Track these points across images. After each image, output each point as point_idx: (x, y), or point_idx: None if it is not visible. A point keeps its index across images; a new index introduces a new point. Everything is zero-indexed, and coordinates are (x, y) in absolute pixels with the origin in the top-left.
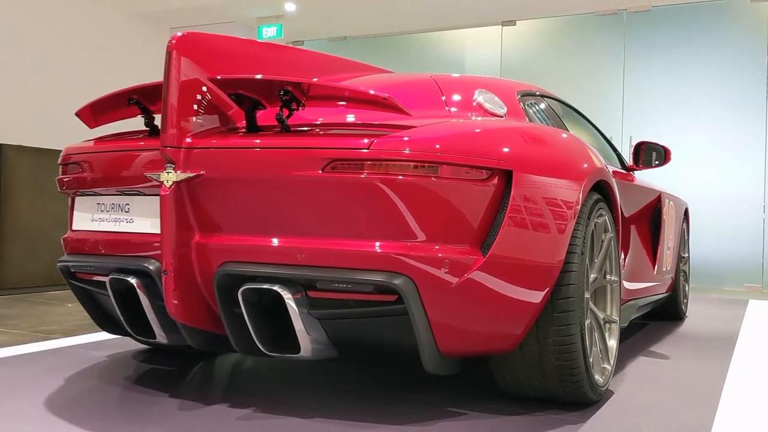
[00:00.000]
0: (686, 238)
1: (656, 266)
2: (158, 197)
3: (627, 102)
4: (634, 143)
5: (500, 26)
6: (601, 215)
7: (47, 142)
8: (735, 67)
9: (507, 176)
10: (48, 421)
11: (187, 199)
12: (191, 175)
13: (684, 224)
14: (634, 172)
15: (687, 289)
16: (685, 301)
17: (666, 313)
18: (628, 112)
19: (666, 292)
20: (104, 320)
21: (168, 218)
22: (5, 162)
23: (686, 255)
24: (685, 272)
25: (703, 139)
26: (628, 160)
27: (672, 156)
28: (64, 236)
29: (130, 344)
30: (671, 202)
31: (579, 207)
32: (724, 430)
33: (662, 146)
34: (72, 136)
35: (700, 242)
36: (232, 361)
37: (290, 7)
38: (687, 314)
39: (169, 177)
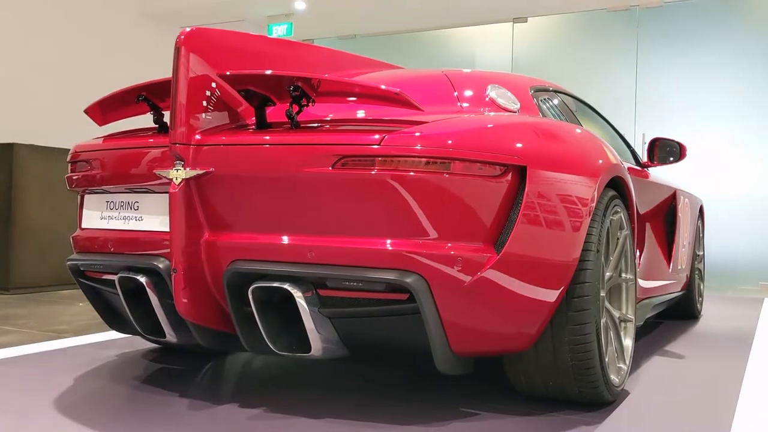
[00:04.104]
0: (701, 236)
1: (671, 264)
2: (167, 195)
3: (640, 99)
4: (646, 140)
5: (511, 23)
6: (616, 212)
7: (58, 141)
8: (749, 62)
9: (521, 172)
10: (57, 421)
11: (196, 196)
12: (200, 172)
13: (699, 222)
14: (649, 168)
15: (702, 287)
16: (699, 299)
17: (681, 311)
18: (640, 109)
19: (681, 290)
20: (113, 319)
21: (177, 216)
22: (16, 161)
23: (701, 253)
24: (700, 270)
25: (716, 136)
26: (642, 156)
27: (687, 153)
28: (74, 234)
29: (140, 343)
30: (686, 200)
31: (594, 204)
32: None
33: (677, 142)
34: (83, 135)
35: (715, 240)
36: (242, 361)
37: (300, 6)
38: (701, 313)
39: (179, 174)
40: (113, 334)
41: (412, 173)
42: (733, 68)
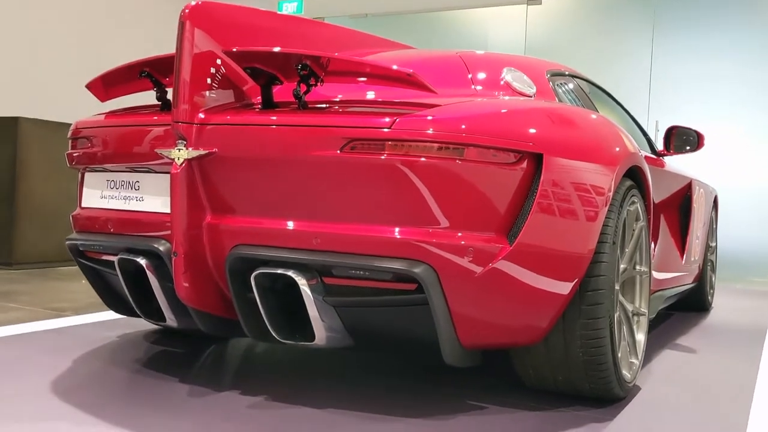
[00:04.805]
0: (714, 227)
1: (685, 256)
2: (169, 175)
3: (654, 85)
4: (660, 127)
5: (525, 5)
6: (633, 203)
7: (63, 115)
8: (767, 50)
9: (537, 160)
10: (51, 404)
11: (198, 177)
12: (203, 152)
13: (713, 212)
14: (665, 157)
15: (713, 279)
16: (711, 291)
17: (691, 303)
18: (655, 95)
19: (693, 282)
20: (113, 301)
21: (179, 197)
22: (20, 136)
23: (713, 244)
24: (712, 262)
25: (730, 124)
26: (656, 144)
27: (705, 142)
28: (73, 213)
29: (141, 324)
30: (701, 190)
31: (611, 194)
32: (760, 430)
33: (695, 131)
34: (90, 110)
35: (725, 230)
36: (244, 346)
37: None
38: (712, 305)
39: (180, 154)
40: (114, 314)
41: (423, 159)
42: (751, 56)
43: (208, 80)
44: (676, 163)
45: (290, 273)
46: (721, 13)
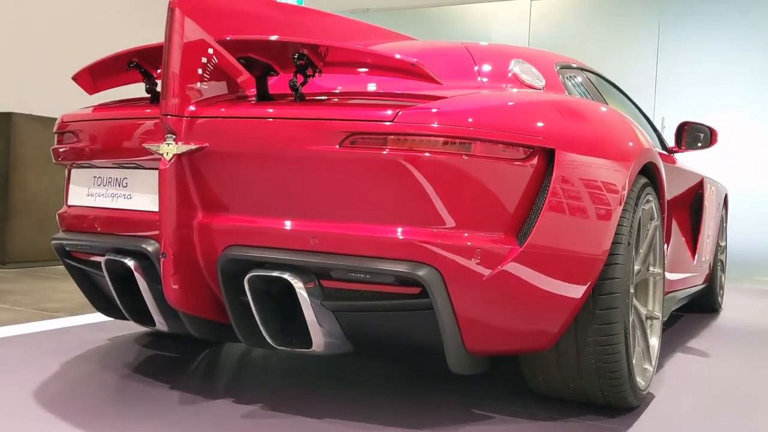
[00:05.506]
0: (724, 225)
1: (696, 256)
2: (157, 171)
3: (660, 80)
4: (667, 124)
5: (529, 0)
6: (648, 201)
7: (58, 111)
8: None
9: (548, 156)
10: (37, 411)
11: (188, 173)
12: (194, 147)
13: (723, 211)
14: (676, 154)
15: (723, 279)
16: (721, 292)
17: (701, 304)
18: (661, 90)
19: (703, 282)
20: (101, 303)
21: (167, 195)
22: (14, 132)
23: (724, 244)
24: (722, 262)
25: (740, 120)
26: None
27: (718, 139)
28: (60, 212)
29: (134, 326)
30: (713, 188)
31: (626, 192)
32: None
33: (708, 127)
34: (85, 105)
35: (733, 229)
36: (239, 350)
37: None
38: (722, 306)
39: (169, 149)
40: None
41: (427, 154)
42: (763, 48)
43: (199, 71)
44: (683, 159)
45: (286, 275)
46: (730, 4)
